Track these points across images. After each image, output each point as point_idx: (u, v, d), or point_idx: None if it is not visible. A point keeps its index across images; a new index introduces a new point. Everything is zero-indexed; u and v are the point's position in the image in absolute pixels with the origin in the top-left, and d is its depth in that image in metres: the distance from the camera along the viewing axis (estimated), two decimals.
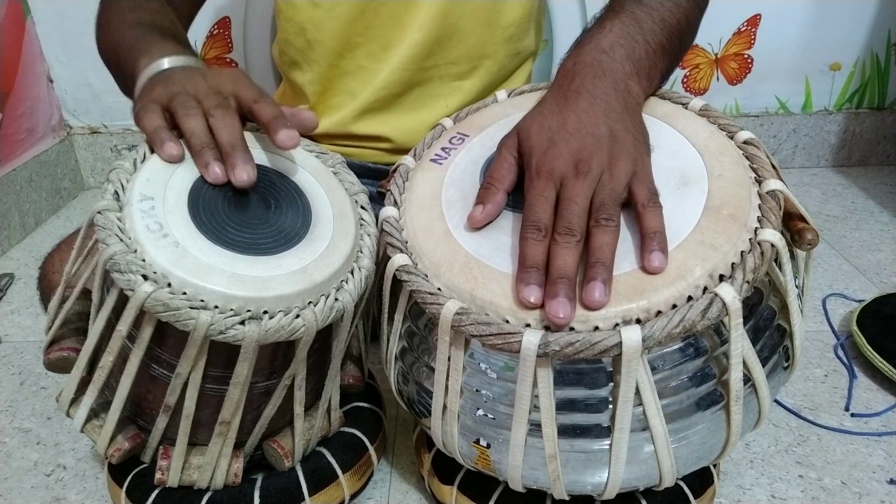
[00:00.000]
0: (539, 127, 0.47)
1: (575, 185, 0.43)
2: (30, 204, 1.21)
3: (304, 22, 0.72)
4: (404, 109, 0.75)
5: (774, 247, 0.42)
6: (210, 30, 1.23)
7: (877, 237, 1.10)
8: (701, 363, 0.43)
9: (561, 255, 0.41)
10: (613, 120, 0.46)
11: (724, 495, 0.62)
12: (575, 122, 0.46)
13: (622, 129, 0.46)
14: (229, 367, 0.45)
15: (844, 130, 1.36)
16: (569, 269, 0.41)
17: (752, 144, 0.47)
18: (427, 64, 0.73)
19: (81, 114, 1.32)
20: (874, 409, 0.72)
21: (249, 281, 0.43)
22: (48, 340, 0.52)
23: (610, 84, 0.48)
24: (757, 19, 1.25)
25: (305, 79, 0.76)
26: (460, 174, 0.52)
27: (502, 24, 0.73)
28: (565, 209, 0.43)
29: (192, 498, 0.53)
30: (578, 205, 0.43)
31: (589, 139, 0.45)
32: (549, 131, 0.46)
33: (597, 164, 0.44)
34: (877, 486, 0.62)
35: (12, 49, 1.18)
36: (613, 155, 0.44)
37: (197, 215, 0.45)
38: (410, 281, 0.45)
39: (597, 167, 0.44)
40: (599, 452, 0.44)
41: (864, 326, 0.79)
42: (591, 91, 0.47)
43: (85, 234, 0.51)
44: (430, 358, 0.47)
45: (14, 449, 0.70)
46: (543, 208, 0.43)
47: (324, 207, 0.51)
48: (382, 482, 0.64)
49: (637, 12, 0.52)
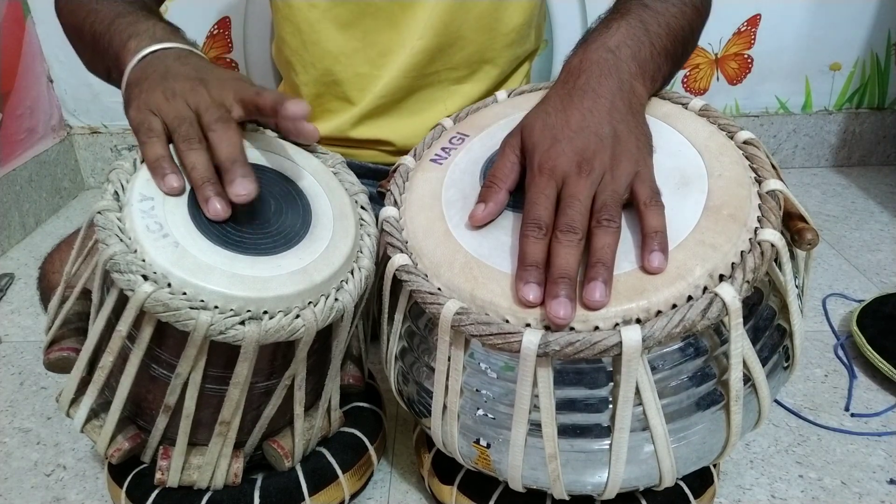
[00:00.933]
0: (542, 125, 0.47)
1: (577, 183, 0.43)
2: (30, 204, 1.21)
3: (300, 22, 0.71)
4: (404, 114, 0.75)
5: (774, 247, 0.42)
6: (210, 30, 1.23)
7: (877, 237, 1.10)
8: (701, 363, 0.43)
9: (562, 254, 0.41)
10: (617, 120, 0.46)
11: (724, 495, 0.62)
12: (579, 121, 0.46)
13: (626, 129, 0.46)
14: (229, 367, 0.45)
15: (844, 130, 1.36)
16: (570, 268, 0.41)
17: (752, 144, 0.47)
18: (428, 70, 0.73)
19: (81, 114, 1.32)
20: (874, 409, 0.72)
21: (249, 281, 0.43)
22: (48, 340, 0.52)
23: (615, 83, 0.47)
24: (757, 19, 1.25)
25: (301, 80, 0.75)
26: (460, 174, 0.52)
27: (503, 30, 0.72)
28: (567, 207, 0.42)
29: (192, 498, 0.53)
30: (581, 202, 0.42)
31: (592, 138, 0.45)
32: (553, 129, 0.46)
33: (599, 163, 0.44)
34: (877, 486, 0.62)
35: (12, 49, 1.18)
36: (616, 155, 0.44)
37: (197, 215, 0.45)
38: (410, 281, 0.45)
39: (599, 167, 0.44)
40: (599, 452, 0.44)
41: (864, 326, 0.79)
42: (596, 90, 0.47)
43: (85, 234, 0.51)
44: (430, 358, 0.47)
45: (14, 449, 0.70)
46: (545, 206, 0.43)
47: (324, 208, 0.50)
48: (382, 482, 0.64)
49: (643, 15, 0.52)
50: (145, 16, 0.56)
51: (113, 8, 0.57)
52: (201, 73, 0.50)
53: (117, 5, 0.58)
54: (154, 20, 0.56)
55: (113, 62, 0.55)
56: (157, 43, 0.52)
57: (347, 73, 0.73)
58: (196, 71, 0.50)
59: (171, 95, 0.48)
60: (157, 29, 0.54)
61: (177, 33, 0.56)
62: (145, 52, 0.52)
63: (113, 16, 0.56)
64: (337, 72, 0.73)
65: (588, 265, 0.41)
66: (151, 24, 0.55)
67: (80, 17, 0.59)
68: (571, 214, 0.42)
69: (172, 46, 0.52)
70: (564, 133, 0.45)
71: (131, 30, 0.54)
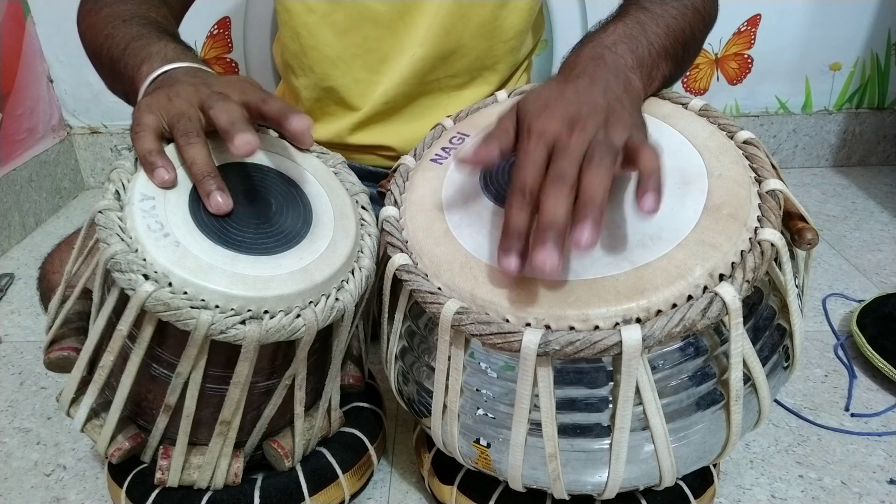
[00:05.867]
0: (536, 96, 0.45)
1: (569, 137, 0.41)
2: (30, 204, 1.21)
3: (298, 27, 0.71)
4: (404, 120, 0.75)
5: (774, 246, 0.42)
6: (210, 30, 1.23)
7: (877, 237, 1.10)
8: (701, 362, 0.44)
9: (550, 203, 0.38)
10: (612, 98, 0.45)
11: (724, 495, 0.62)
12: (573, 93, 0.45)
13: (619, 106, 0.44)
14: (230, 366, 0.46)
15: (844, 130, 1.36)
16: (559, 217, 0.38)
17: (752, 144, 0.48)
18: (429, 78, 0.72)
19: (81, 114, 1.32)
20: (874, 409, 0.72)
21: (250, 280, 0.43)
22: (48, 340, 0.52)
23: (611, 73, 0.47)
24: (757, 19, 1.25)
25: (300, 83, 0.75)
26: (460, 174, 0.52)
27: (503, 37, 0.72)
28: (557, 158, 0.40)
29: (192, 498, 0.53)
30: (571, 153, 0.40)
31: (585, 106, 0.43)
32: (546, 99, 0.45)
33: (593, 122, 0.42)
34: (877, 486, 0.63)
35: (12, 49, 1.18)
36: (609, 119, 0.43)
37: (198, 215, 0.45)
38: (411, 280, 0.45)
39: (592, 126, 0.42)
40: (599, 452, 0.44)
41: (864, 326, 0.79)
42: (592, 75, 0.46)
43: (85, 234, 0.51)
44: (431, 357, 0.47)
45: (14, 449, 0.70)
46: (531, 171, 0.40)
47: (324, 207, 0.51)
48: (382, 482, 0.64)
49: (641, 17, 0.52)
50: (157, 37, 0.56)
51: (128, 31, 0.58)
52: (207, 80, 0.50)
53: (132, 28, 0.58)
54: (166, 41, 0.56)
55: (129, 86, 0.55)
56: (168, 63, 0.53)
57: (346, 78, 0.73)
58: (202, 79, 0.50)
59: (175, 96, 0.48)
60: (167, 50, 0.55)
61: (188, 52, 0.56)
62: (157, 73, 0.52)
63: (128, 40, 0.57)
64: (335, 77, 0.73)
65: (576, 207, 0.38)
66: (163, 46, 0.55)
67: (98, 42, 0.60)
68: (561, 164, 0.40)
69: (182, 66, 0.53)
70: (558, 101, 0.44)
71: (144, 53, 0.54)
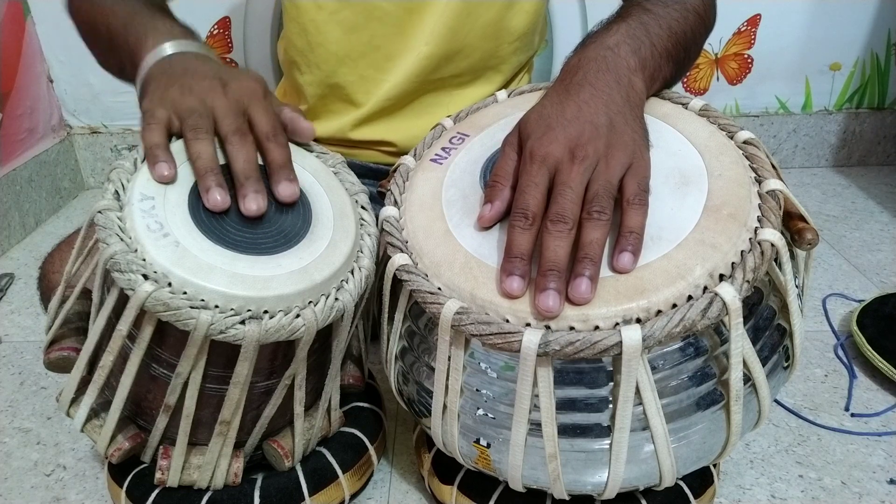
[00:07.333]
0: (538, 116, 0.47)
1: (570, 170, 0.43)
2: (30, 204, 1.21)
3: (306, 23, 0.71)
4: (406, 116, 0.75)
5: (774, 246, 0.42)
6: (210, 30, 1.23)
7: (877, 237, 1.10)
8: (701, 363, 0.43)
9: (552, 246, 0.41)
10: (614, 112, 0.46)
11: (724, 495, 0.62)
12: (574, 111, 0.45)
13: (622, 121, 0.45)
14: (229, 366, 0.46)
15: (844, 130, 1.36)
16: (560, 260, 0.40)
17: (752, 144, 0.48)
18: (433, 77, 0.73)
19: (81, 114, 1.32)
20: (874, 409, 0.72)
21: (250, 280, 0.43)
22: (48, 340, 0.52)
23: (613, 78, 0.47)
24: (757, 19, 1.25)
25: (305, 80, 0.75)
26: (460, 174, 0.52)
27: (509, 38, 0.72)
28: (559, 195, 0.42)
29: (192, 498, 0.53)
30: (573, 190, 0.42)
31: (587, 127, 0.44)
32: (547, 119, 0.46)
33: (594, 150, 0.43)
34: (877, 486, 0.62)
35: (12, 49, 1.18)
36: (611, 144, 0.44)
37: (197, 215, 0.45)
38: (410, 280, 0.45)
39: (593, 153, 0.43)
40: (599, 452, 0.44)
41: (864, 326, 0.79)
42: (594, 83, 0.47)
43: (85, 234, 0.51)
44: (431, 357, 0.47)
45: (14, 449, 0.70)
46: (533, 195, 0.43)
47: (324, 207, 0.51)
48: (382, 482, 0.64)
49: (644, 18, 0.52)
50: (162, 15, 0.57)
51: (129, 6, 0.58)
52: (220, 74, 0.50)
53: (133, 4, 0.59)
54: (171, 21, 0.57)
55: (128, 57, 0.55)
56: (177, 42, 0.53)
57: (352, 76, 0.73)
58: (215, 71, 0.51)
59: (188, 91, 0.48)
60: (175, 29, 0.55)
61: (193, 35, 0.57)
62: (168, 51, 0.52)
63: (130, 13, 0.57)
64: (342, 74, 0.73)
65: (576, 259, 0.41)
66: (169, 24, 0.56)
67: (94, 13, 0.60)
68: (562, 203, 0.42)
69: (191, 51, 0.53)
70: (558, 122, 0.45)
71: (149, 25, 0.55)
